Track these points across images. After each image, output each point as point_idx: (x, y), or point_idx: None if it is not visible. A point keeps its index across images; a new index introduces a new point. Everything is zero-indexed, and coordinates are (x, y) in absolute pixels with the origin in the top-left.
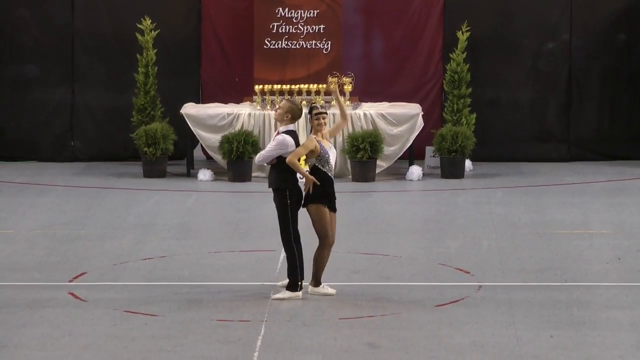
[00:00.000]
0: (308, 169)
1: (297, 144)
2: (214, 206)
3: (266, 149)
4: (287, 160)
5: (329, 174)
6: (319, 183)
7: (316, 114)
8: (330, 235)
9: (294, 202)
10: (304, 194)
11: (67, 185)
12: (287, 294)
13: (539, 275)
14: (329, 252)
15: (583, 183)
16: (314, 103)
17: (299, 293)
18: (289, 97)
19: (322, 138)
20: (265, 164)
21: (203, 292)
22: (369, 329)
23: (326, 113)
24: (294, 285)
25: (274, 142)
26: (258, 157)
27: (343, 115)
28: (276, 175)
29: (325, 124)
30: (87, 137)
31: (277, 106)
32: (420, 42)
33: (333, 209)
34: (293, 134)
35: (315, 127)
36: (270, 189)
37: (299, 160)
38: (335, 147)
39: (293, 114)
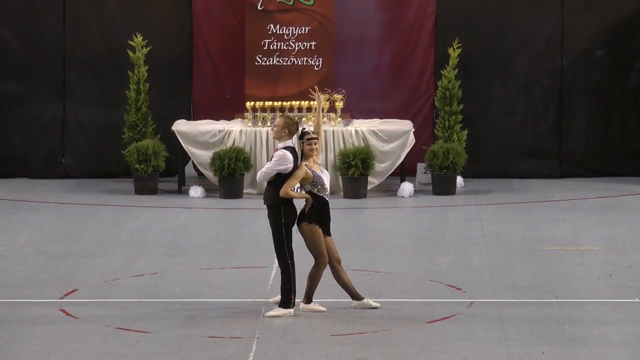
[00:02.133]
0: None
1: (296, 160)
2: (205, 223)
3: (266, 165)
4: (280, 193)
5: (326, 198)
6: (315, 204)
7: (308, 139)
8: (326, 254)
9: (289, 219)
10: (299, 212)
11: (59, 202)
12: (280, 311)
13: (530, 291)
14: (323, 271)
15: (574, 199)
16: (305, 128)
17: (292, 310)
18: (281, 113)
19: (313, 163)
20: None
21: (195, 309)
22: (360, 345)
23: (317, 138)
24: (287, 302)
25: (275, 158)
26: (259, 175)
27: (318, 124)
28: (272, 192)
29: (317, 149)
30: (79, 153)
31: (269, 124)
32: (411, 59)
33: (328, 232)
34: (292, 150)
35: (306, 153)
36: (264, 206)
37: (293, 189)
38: (327, 165)
39: (290, 129)
